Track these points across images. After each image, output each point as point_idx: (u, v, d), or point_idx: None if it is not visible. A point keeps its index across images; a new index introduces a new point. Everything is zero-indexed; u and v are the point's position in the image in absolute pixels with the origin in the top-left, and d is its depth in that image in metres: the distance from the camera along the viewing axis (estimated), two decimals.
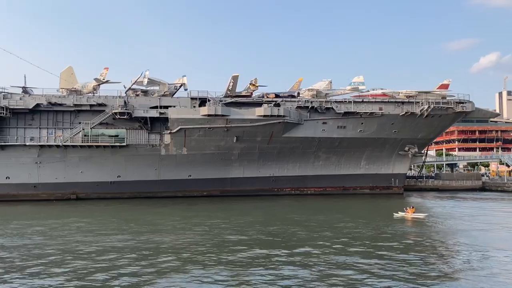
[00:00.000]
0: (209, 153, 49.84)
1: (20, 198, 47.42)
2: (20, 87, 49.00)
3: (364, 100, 52.40)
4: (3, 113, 46.82)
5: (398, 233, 25.41)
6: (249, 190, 51.51)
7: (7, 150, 47.24)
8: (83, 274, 16.49)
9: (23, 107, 47.58)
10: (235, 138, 49.40)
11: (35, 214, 36.60)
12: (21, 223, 30.27)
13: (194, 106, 49.68)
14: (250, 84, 51.90)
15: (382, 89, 53.23)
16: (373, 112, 51.70)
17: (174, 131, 48.28)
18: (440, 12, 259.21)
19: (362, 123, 52.26)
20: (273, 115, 48.89)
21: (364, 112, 51.64)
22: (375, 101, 52.25)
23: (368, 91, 53.40)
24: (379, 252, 19.90)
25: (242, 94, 51.47)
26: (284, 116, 49.18)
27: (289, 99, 51.63)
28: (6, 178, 47.65)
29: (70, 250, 20.78)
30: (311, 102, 51.40)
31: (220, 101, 49.90)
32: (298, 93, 53.15)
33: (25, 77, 49.65)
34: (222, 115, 48.08)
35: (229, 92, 51.14)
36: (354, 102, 52.10)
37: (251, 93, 51.90)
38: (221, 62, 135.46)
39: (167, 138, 49.06)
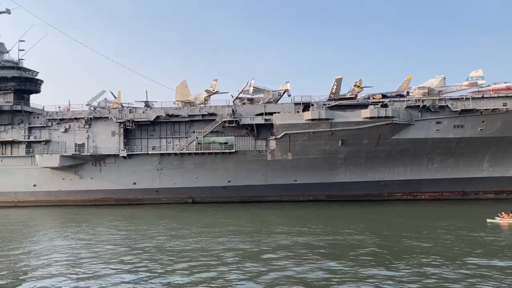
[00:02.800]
0: (314, 157, 44.21)
1: (145, 201, 46.90)
2: (143, 101, 48.89)
3: (485, 95, 42.19)
4: (130, 126, 46.74)
5: None
6: (356, 195, 44.63)
7: (133, 159, 47.05)
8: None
9: (145, 120, 47.13)
10: (340, 141, 43.11)
11: (181, 216, 34.81)
12: (170, 225, 27.83)
13: (298, 111, 44.62)
14: (354, 85, 45.17)
15: (506, 82, 42.40)
16: (496, 109, 41.47)
17: (279, 136, 43.69)
18: None
19: (483, 121, 42.20)
20: (380, 117, 41.61)
21: (485, 109, 41.68)
22: (497, 96, 41.83)
23: (489, 85, 42.95)
24: None
25: (346, 96, 45.04)
26: (392, 117, 41.57)
27: (397, 99, 43.78)
28: (133, 183, 47.46)
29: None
30: (423, 101, 42.94)
31: (324, 104, 44.06)
32: (408, 92, 44.86)
33: (146, 92, 49.94)
34: (326, 119, 42.25)
35: (332, 95, 45.10)
36: (473, 98, 42.36)
37: (356, 95, 45.12)
38: (324, 65, 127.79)
39: (272, 144, 44.63)
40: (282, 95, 47.26)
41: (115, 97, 50.12)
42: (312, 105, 43.69)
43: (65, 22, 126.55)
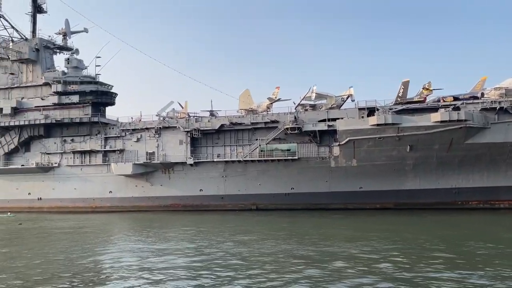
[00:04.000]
0: (380, 163, 40.66)
1: (211, 208, 45.91)
2: (208, 111, 48.20)
3: None
4: (196, 134, 46.14)
5: None
6: (427, 203, 40.37)
7: (200, 166, 46.31)
8: None
9: (210, 128, 46.32)
10: (408, 147, 39.29)
11: (246, 222, 33.61)
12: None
13: (362, 117, 41.44)
14: (423, 88, 41.11)
15: None
16: None
17: (343, 142, 40.72)
18: None
19: None
20: (452, 120, 37.38)
21: None
22: None
23: None
24: None
25: (414, 100, 41.09)
26: (465, 120, 37.16)
27: (470, 101, 39.18)
28: (200, 190, 46.68)
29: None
30: (499, 103, 38.00)
31: (390, 109, 40.44)
32: (482, 94, 39.98)
33: (211, 102, 49.11)
34: (393, 124, 38.70)
35: (399, 99, 41.36)
36: None
37: (425, 98, 41.03)
38: (389, 68, 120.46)
39: (336, 150, 41.70)
40: (346, 100, 44.25)
41: (182, 108, 49.88)
42: (377, 109, 40.27)
43: (135, 37, 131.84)
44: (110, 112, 52.64)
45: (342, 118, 41.63)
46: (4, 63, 53.41)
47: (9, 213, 44.85)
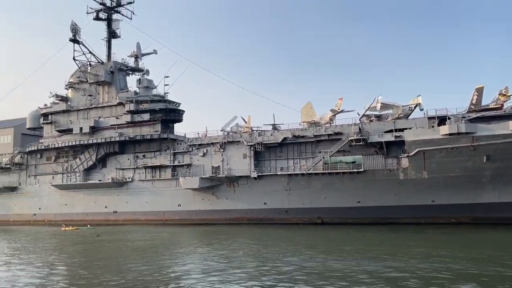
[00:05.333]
0: (453, 175, 37.65)
1: (275, 221, 45.16)
2: (271, 124, 47.74)
3: None
4: (259, 148, 45.93)
5: None
6: (508, 217, 36.58)
7: (263, 179, 45.90)
8: None
9: (273, 142, 45.85)
10: (485, 157, 36.06)
11: (312, 237, 32.28)
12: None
13: (432, 126, 38.77)
14: (499, 94, 37.67)
15: None
16: None
17: (412, 154, 38.26)
18: None
19: None
20: None
21: None
22: None
23: None
24: None
25: (489, 107, 37.79)
26: None
27: None
28: (264, 203, 46.19)
29: None
30: None
31: (463, 117, 37.45)
32: None
33: (273, 115, 48.53)
34: (467, 133, 35.80)
35: (473, 107, 38.20)
36: None
37: (502, 104, 37.56)
38: (460, 74, 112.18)
39: (404, 162, 39.26)
40: (413, 109, 41.70)
41: (246, 122, 49.99)
42: (449, 118, 37.44)
43: (200, 56, 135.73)
44: (178, 128, 54.13)
45: (410, 128, 39.22)
46: (83, 85, 57.09)
47: (88, 225, 47.37)
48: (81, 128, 54.79)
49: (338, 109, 44.33)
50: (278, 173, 45.11)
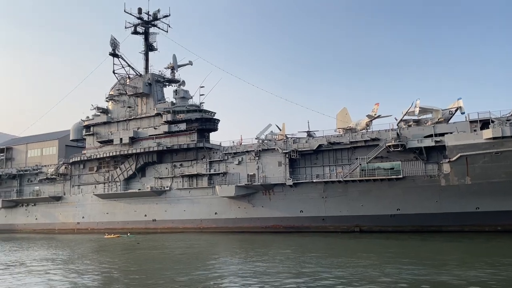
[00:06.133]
0: (499, 181, 35.77)
1: (312, 229, 44.46)
2: (305, 131, 47.29)
3: None
4: (294, 155, 45.45)
5: None
6: None
7: (299, 187, 45.34)
8: None
9: (308, 149, 45.27)
10: None
11: (350, 245, 31.86)
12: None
13: (475, 130, 37.05)
14: None
15: None
16: None
17: (454, 159, 36.73)
18: None
19: None
20: None
21: None
22: None
23: None
24: None
25: None
26: None
27: None
28: (300, 211, 45.57)
29: None
30: None
31: (508, 120, 35.55)
32: None
33: (308, 122, 47.84)
34: None
35: None
36: None
37: None
38: (502, 75, 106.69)
39: (446, 168, 37.70)
40: (454, 113, 40.05)
41: (280, 130, 49.67)
42: (492, 121, 35.69)
43: (233, 65, 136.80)
44: (214, 137, 54.56)
45: (451, 133, 37.67)
46: (123, 97, 58.73)
47: (128, 234, 48.30)
48: (121, 139, 56.27)
49: (375, 115, 43.24)
50: (314, 181, 44.39)
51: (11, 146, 71.05)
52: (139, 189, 54.51)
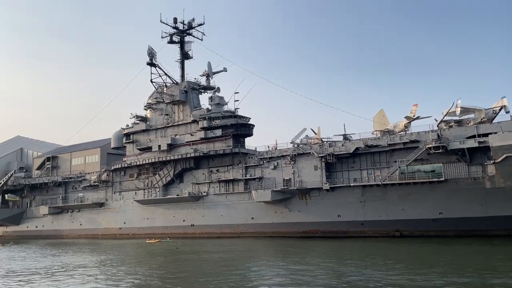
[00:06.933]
0: None
1: (350, 234, 43.53)
2: (341, 135, 46.50)
3: None
4: (330, 159, 44.81)
5: None
6: None
7: (336, 191, 44.61)
8: None
9: (345, 152, 44.52)
10: None
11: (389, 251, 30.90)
12: None
13: None
14: None
15: None
16: None
17: (499, 160, 35.01)
18: None
19: None
20: None
21: None
22: None
23: None
24: None
25: None
26: None
27: None
28: (338, 216, 44.75)
29: None
30: None
31: None
32: None
33: (344, 125, 47.44)
34: None
35: None
36: None
37: None
38: None
39: (490, 169, 35.95)
40: (498, 112, 38.18)
41: (315, 133, 49.12)
42: None
43: (267, 70, 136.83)
44: (249, 143, 54.66)
45: (495, 133, 35.94)
46: (160, 106, 60.04)
47: (167, 238, 49.15)
48: (159, 146, 57.44)
49: (413, 116, 41.90)
50: (352, 184, 43.55)
51: (57, 154, 74.07)
52: (177, 195, 55.34)
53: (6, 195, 68.56)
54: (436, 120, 40.77)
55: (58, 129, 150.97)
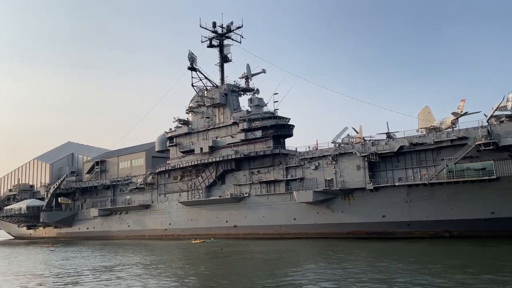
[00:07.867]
0: None
1: (396, 235, 42.28)
2: (384, 133, 45.14)
3: None
4: (374, 158, 43.74)
5: None
6: None
7: (380, 191, 43.49)
8: None
9: (388, 151, 43.26)
10: None
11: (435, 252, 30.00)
12: None
13: None
14: None
15: None
16: None
17: None
18: None
19: None
20: None
21: None
22: None
23: None
24: None
25: None
26: None
27: None
28: (383, 216, 43.59)
29: None
30: None
31: None
32: None
33: (387, 123, 45.59)
34: None
35: None
36: None
37: None
38: None
39: None
40: None
41: (357, 132, 48.05)
42: None
43: (306, 70, 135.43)
44: (289, 143, 54.41)
45: None
46: (201, 109, 61.01)
47: (212, 239, 49.84)
48: (201, 148, 58.38)
49: (461, 112, 40.04)
50: (397, 184, 42.25)
51: (105, 159, 77.08)
52: (220, 196, 55.96)
53: (59, 199, 72.07)
54: (485, 116, 38.75)
55: (105, 134, 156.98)
